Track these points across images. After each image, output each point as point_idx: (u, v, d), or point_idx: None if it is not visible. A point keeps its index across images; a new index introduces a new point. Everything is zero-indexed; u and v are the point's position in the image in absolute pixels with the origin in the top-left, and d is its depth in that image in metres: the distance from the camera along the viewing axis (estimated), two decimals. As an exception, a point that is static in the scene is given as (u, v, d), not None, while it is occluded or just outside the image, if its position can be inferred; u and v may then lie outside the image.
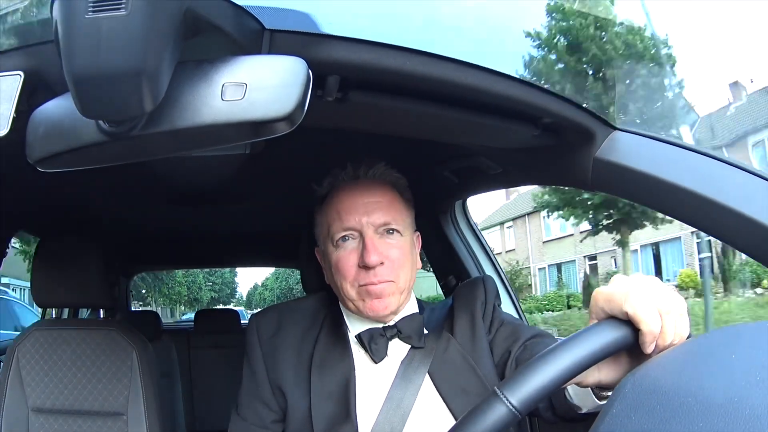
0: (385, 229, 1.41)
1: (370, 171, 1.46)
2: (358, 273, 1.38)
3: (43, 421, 2.00)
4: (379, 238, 1.39)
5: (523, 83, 1.13)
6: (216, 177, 2.13)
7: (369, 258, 1.35)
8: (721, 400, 0.61)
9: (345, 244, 1.40)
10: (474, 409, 0.80)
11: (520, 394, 0.78)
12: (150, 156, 0.78)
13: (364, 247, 1.37)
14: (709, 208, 1.08)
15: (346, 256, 1.39)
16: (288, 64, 0.72)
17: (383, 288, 1.37)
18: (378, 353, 1.42)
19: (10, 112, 0.81)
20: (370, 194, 1.43)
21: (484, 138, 1.45)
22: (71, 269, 2.07)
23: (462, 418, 0.80)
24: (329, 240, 1.43)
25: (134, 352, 2.05)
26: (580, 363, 0.81)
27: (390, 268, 1.39)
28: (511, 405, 0.77)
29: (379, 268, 1.37)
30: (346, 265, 1.39)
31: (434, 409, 1.38)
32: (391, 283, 1.38)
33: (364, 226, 1.39)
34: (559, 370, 0.80)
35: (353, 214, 1.40)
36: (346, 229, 1.40)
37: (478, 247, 2.48)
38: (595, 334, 0.84)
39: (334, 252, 1.41)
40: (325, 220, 1.45)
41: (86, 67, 0.62)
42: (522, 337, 1.43)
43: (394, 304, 1.40)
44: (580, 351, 0.81)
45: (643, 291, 0.85)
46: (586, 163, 1.29)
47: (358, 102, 1.08)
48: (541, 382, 0.79)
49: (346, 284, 1.39)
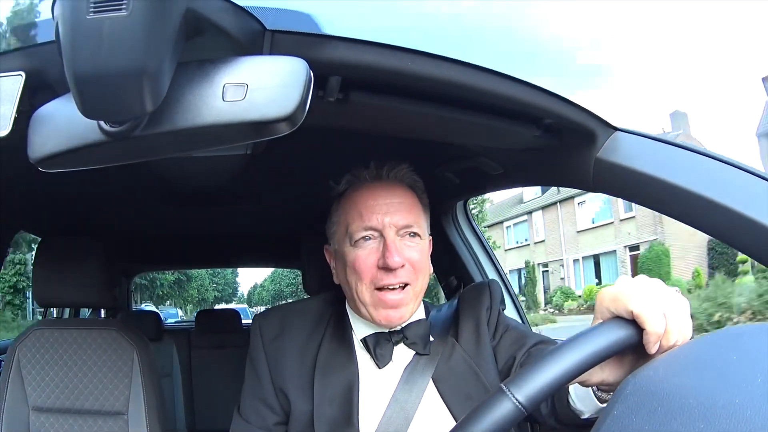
0: (406, 232, 1.39)
1: (393, 172, 1.44)
2: (377, 274, 1.36)
3: (43, 421, 2.00)
4: (400, 240, 1.38)
5: (525, 84, 1.13)
6: (217, 177, 2.13)
7: (392, 259, 1.33)
8: (722, 402, 0.61)
9: (365, 244, 1.38)
10: (480, 404, 0.80)
11: (526, 391, 0.78)
12: (151, 156, 0.78)
13: (386, 248, 1.35)
14: (710, 208, 1.08)
15: (365, 257, 1.37)
16: (289, 65, 0.72)
17: (401, 298, 1.36)
18: (383, 358, 1.41)
19: (11, 112, 0.81)
20: (392, 195, 1.41)
21: (485, 139, 1.45)
22: (72, 269, 2.07)
23: (469, 413, 0.80)
24: (347, 239, 1.40)
25: (135, 352, 2.05)
26: (585, 361, 0.81)
27: (410, 271, 1.37)
28: (518, 401, 0.78)
29: (399, 270, 1.35)
30: (364, 266, 1.37)
31: (438, 414, 1.38)
32: (409, 288, 1.37)
33: (386, 226, 1.37)
34: (565, 367, 0.80)
35: (376, 213, 1.38)
36: (368, 229, 1.38)
37: (480, 247, 2.48)
38: (601, 333, 0.85)
39: (352, 251, 1.39)
40: (344, 218, 1.43)
41: (87, 67, 0.62)
42: (527, 344, 1.42)
43: (407, 314, 1.39)
44: (585, 349, 0.82)
45: (648, 292, 0.86)
46: (588, 163, 1.29)
47: (360, 103, 1.08)
48: (547, 379, 0.79)
49: (361, 285, 1.37)
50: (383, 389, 1.39)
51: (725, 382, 0.65)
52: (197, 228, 3.33)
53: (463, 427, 0.79)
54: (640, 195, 1.25)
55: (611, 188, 1.31)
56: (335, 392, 1.39)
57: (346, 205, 1.44)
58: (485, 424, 0.77)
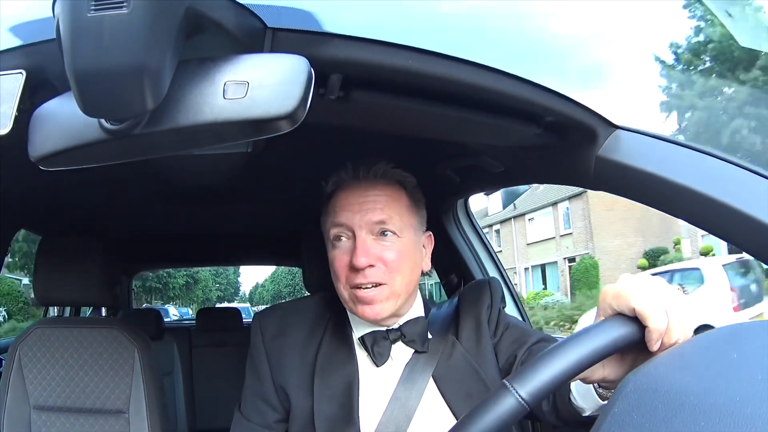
0: (380, 230, 1.37)
1: (371, 170, 1.43)
2: (349, 274, 1.36)
3: (45, 419, 2.00)
4: (373, 239, 1.37)
5: (526, 82, 1.12)
6: (218, 175, 2.13)
7: (357, 259, 1.33)
8: (722, 400, 0.61)
9: (339, 243, 1.38)
10: (484, 401, 0.80)
11: (529, 387, 0.78)
12: (152, 154, 0.78)
13: (355, 248, 1.34)
14: (712, 207, 1.08)
15: (340, 257, 1.38)
16: (290, 63, 0.72)
17: (374, 294, 1.35)
18: (380, 357, 1.41)
19: (12, 110, 0.81)
20: (367, 193, 1.40)
21: (486, 136, 1.44)
22: (73, 268, 2.07)
23: (472, 409, 0.80)
24: (328, 239, 1.41)
25: (136, 351, 2.05)
26: (587, 358, 0.81)
27: (382, 271, 1.35)
28: (521, 397, 0.78)
29: (369, 270, 1.34)
30: (339, 266, 1.37)
31: (438, 412, 1.38)
32: (384, 287, 1.35)
33: (356, 225, 1.36)
34: (567, 364, 0.80)
35: (347, 211, 1.38)
36: (339, 226, 1.38)
37: (480, 245, 2.48)
38: (603, 330, 0.85)
39: (331, 251, 1.40)
40: (326, 218, 1.43)
41: (88, 65, 0.62)
42: (528, 342, 1.42)
43: (387, 310, 1.37)
44: (588, 346, 0.82)
45: (651, 289, 0.86)
46: (589, 161, 1.28)
47: (361, 100, 1.08)
48: (549, 376, 0.79)
49: (339, 285, 1.38)
50: (383, 387, 1.40)
51: (726, 379, 0.65)
52: (198, 226, 3.33)
53: (466, 423, 0.79)
54: (641, 193, 1.25)
55: (612, 186, 1.31)
56: (335, 390, 1.39)
57: (329, 206, 1.44)
58: (488, 420, 0.77)
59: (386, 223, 1.38)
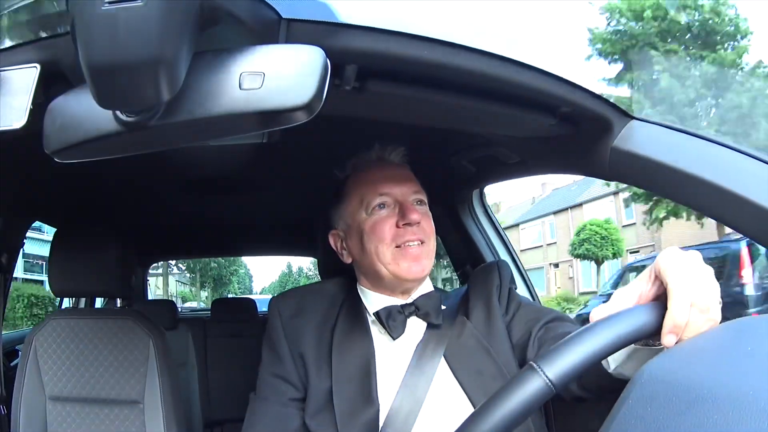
0: (416, 200, 1.48)
1: (395, 152, 1.55)
2: (397, 232, 1.43)
3: (60, 409, 2.02)
4: (411, 205, 1.46)
5: (541, 73, 1.12)
6: (233, 166, 2.13)
7: (410, 215, 1.42)
8: (735, 393, 0.60)
9: (381, 210, 1.46)
10: (510, 381, 0.78)
11: (557, 369, 0.76)
12: (167, 146, 0.78)
13: (405, 208, 1.44)
14: (726, 198, 1.07)
15: (383, 220, 1.44)
16: (306, 54, 0.72)
17: (420, 251, 1.43)
18: (396, 329, 1.43)
19: (27, 104, 0.81)
20: (401, 169, 1.53)
21: (501, 127, 1.45)
22: (88, 258, 2.08)
23: (499, 390, 0.79)
24: (362, 210, 1.47)
25: (151, 341, 2.06)
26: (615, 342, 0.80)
27: (425, 229, 1.45)
28: (548, 379, 0.76)
29: (416, 227, 1.43)
30: (383, 228, 1.44)
31: (450, 391, 1.39)
32: (426, 245, 1.45)
33: (399, 194, 1.46)
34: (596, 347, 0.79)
35: (388, 182, 1.47)
36: (383, 195, 1.46)
37: (496, 237, 2.47)
38: (634, 315, 0.84)
39: (369, 219, 1.46)
40: (355, 192, 1.49)
41: (103, 58, 0.62)
42: (543, 319, 1.43)
43: (427, 268, 1.45)
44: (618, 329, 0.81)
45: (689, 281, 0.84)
46: (604, 152, 1.28)
47: (376, 91, 1.08)
48: (577, 358, 0.78)
49: (382, 246, 1.43)
50: (398, 365, 1.41)
51: (740, 372, 0.65)
52: (212, 216, 3.35)
53: (491, 404, 0.78)
54: (655, 184, 1.25)
55: (626, 177, 1.31)
56: (353, 370, 1.42)
57: (356, 182, 1.52)
58: (514, 402, 0.76)
59: (420, 194, 1.50)
